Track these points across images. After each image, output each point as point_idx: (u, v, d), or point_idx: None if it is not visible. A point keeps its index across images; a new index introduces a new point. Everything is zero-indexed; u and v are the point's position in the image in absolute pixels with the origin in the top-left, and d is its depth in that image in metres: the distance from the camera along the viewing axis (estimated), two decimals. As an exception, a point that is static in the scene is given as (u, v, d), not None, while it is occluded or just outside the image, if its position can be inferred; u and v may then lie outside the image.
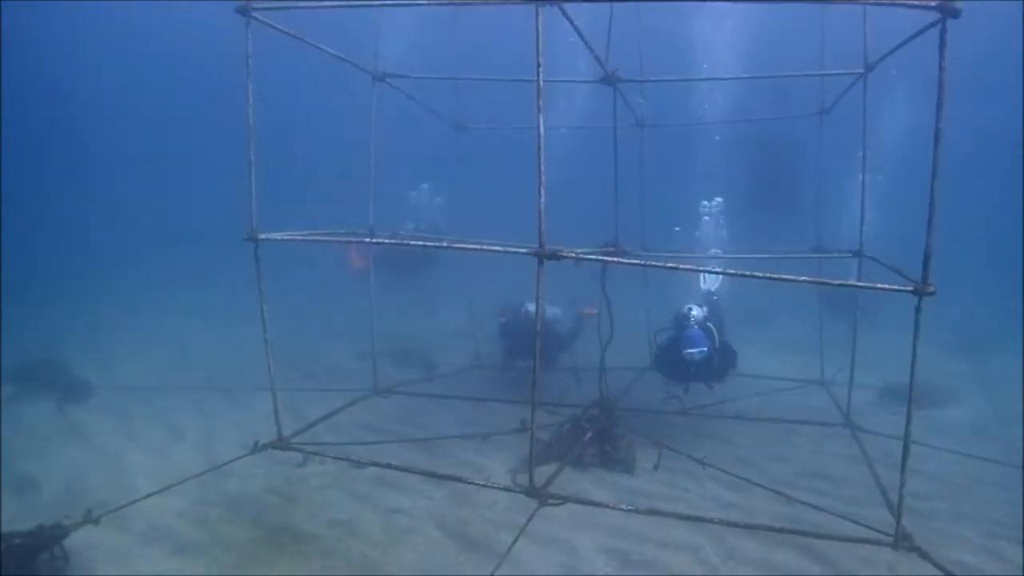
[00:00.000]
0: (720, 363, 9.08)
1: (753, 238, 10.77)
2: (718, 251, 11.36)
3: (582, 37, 7.51)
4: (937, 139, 4.95)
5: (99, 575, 5.78)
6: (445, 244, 7.80)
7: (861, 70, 8.57)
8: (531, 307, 10.83)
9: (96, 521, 6.05)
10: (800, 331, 14.44)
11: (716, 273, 8.84)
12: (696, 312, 9.24)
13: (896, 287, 5.24)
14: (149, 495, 6.65)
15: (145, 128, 39.50)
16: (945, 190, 5.05)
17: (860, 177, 9.18)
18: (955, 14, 4.95)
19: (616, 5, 7.98)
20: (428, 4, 6.71)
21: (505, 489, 6.82)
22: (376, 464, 7.17)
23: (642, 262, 6.54)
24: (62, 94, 37.60)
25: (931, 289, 5.01)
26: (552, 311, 11.30)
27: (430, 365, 13.22)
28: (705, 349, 8.79)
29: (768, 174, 17.13)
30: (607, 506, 6.47)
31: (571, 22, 6.78)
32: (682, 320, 9.24)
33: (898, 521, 5.48)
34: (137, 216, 34.42)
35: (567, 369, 11.32)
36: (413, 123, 13.90)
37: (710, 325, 9.21)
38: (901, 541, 5.43)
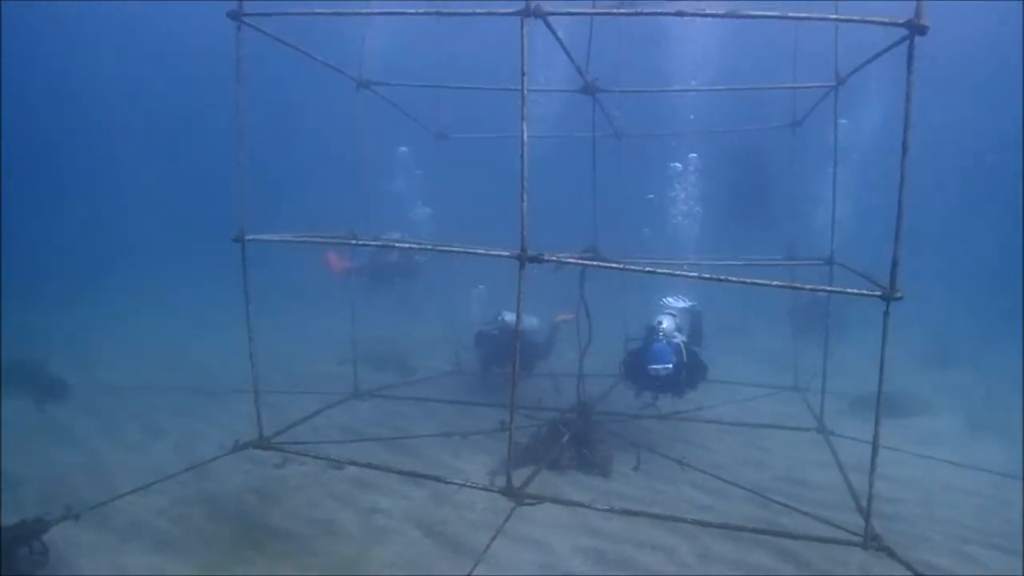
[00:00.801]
0: (688, 376, 8.95)
1: (726, 248, 10.90)
2: (690, 257, 11.46)
3: (564, 48, 7.63)
4: (905, 150, 5.10)
5: (79, 571, 5.80)
6: (430, 247, 7.87)
7: (833, 83, 8.75)
8: (508, 316, 10.96)
9: (76, 517, 6.10)
10: (775, 342, 14.66)
11: (691, 278, 8.78)
12: (667, 325, 9.18)
13: (865, 292, 5.38)
14: (130, 492, 6.71)
15: (141, 129, 39.41)
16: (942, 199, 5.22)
17: (831, 186, 9.35)
18: (923, 31, 5.12)
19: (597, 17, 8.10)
20: (416, 13, 6.80)
21: (483, 489, 6.91)
22: (355, 463, 7.24)
23: (621, 266, 6.63)
24: (62, 94, 37.52)
25: (898, 294, 5.16)
26: (530, 321, 11.37)
27: (409, 370, 13.27)
28: (670, 366, 8.56)
29: (742, 185, 17.30)
30: (584, 505, 6.57)
31: (554, 34, 6.91)
32: (652, 333, 9.12)
33: (867, 521, 5.62)
34: (126, 218, 34.31)
35: (545, 375, 11.41)
36: (398, 129, 13.96)
37: (678, 341, 9.02)
38: (870, 541, 5.56)
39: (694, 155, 12.63)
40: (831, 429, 9.74)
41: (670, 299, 9.51)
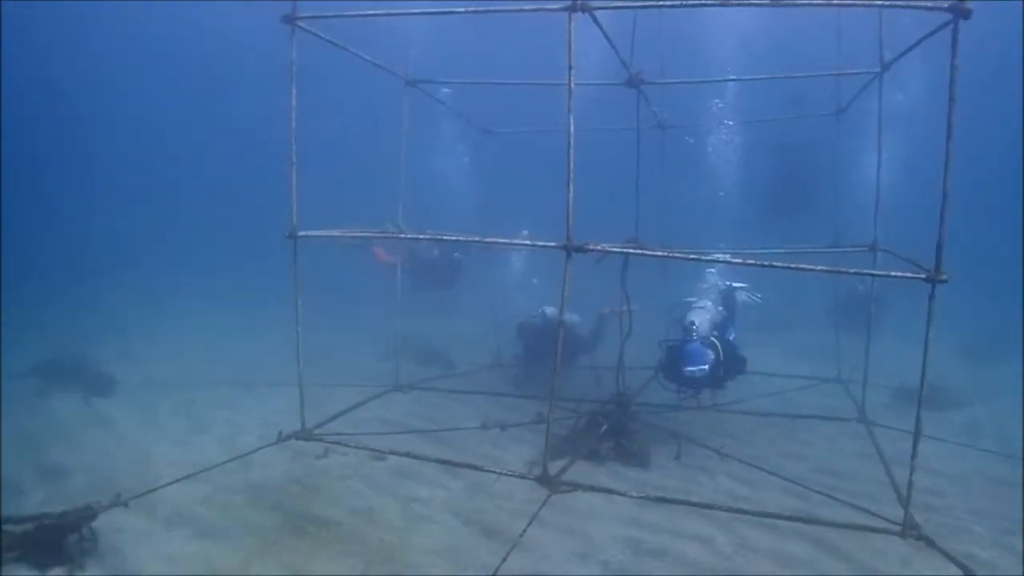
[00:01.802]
0: (726, 372, 8.95)
1: (770, 240, 10.84)
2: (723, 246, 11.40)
3: (610, 41, 7.70)
4: (949, 133, 5.06)
5: (126, 557, 5.94)
6: (476, 239, 7.94)
7: (877, 70, 8.68)
8: (548, 310, 11.02)
9: (124, 504, 6.25)
10: (818, 336, 14.54)
11: (732, 264, 8.70)
12: (700, 324, 9.12)
13: (910, 275, 5.35)
14: (176, 480, 6.86)
15: (177, 123, 39.98)
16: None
17: (876, 173, 9.26)
18: (966, 15, 5.07)
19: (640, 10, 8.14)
20: (464, 12, 6.90)
21: (518, 476, 6.96)
22: (395, 452, 7.33)
23: (665, 253, 6.64)
24: (86, 84, 38.14)
25: (944, 277, 5.12)
26: (570, 317, 11.42)
27: (451, 365, 13.38)
28: (706, 367, 8.56)
29: (786, 177, 17.17)
30: (618, 492, 6.60)
31: (601, 28, 6.98)
32: (686, 331, 9.07)
33: (906, 509, 5.58)
34: (173, 218, 34.86)
35: (587, 368, 11.43)
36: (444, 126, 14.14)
37: (714, 339, 9.00)
38: (909, 530, 5.51)
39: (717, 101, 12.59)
40: (872, 420, 9.64)
41: (696, 321, 9.23)
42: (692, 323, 9.05)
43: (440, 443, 8.82)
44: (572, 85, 5.92)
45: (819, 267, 5.70)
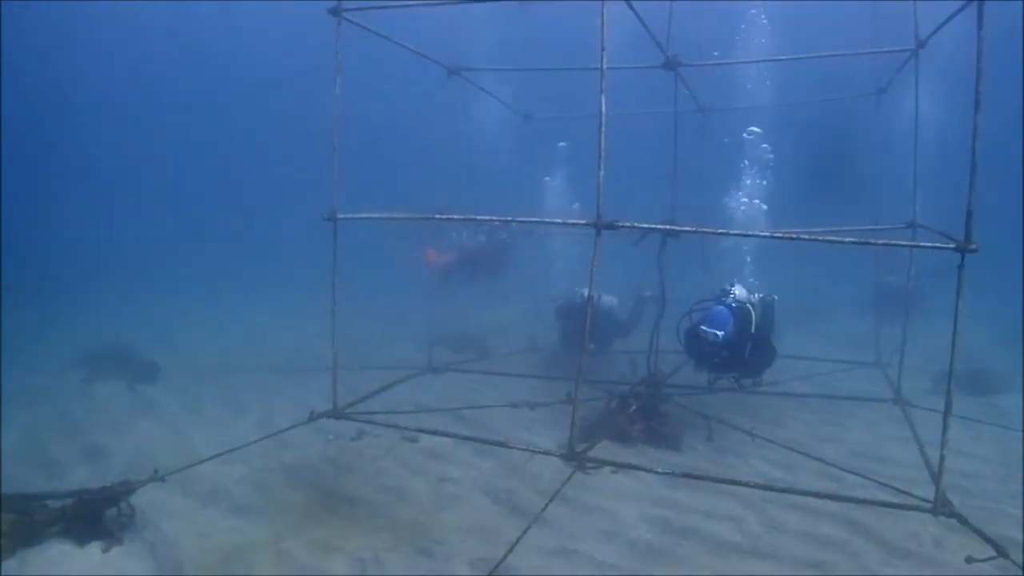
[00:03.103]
0: (752, 356, 8.25)
1: (810, 222, 10.74)
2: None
3: (644, 25, 7.76)
4: (978, 103, 5.00)
5: (163, 531, 6.09)
6: (510, 219, 8.00)
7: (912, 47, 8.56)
8: (585, 291, 11.03)
9: (162, 479, 6.40)
10: (857, 326, 14.39)
11: (764, 237, 8.21)
12: (739, 291, 8.58)
13: (939, 245, 5.30)
14: (212, 457, 7.00)
15: (215, 117, 40.54)
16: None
17: (914, 151, 9.13)
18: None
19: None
20: (500, 1, 6.98)
21: (544, 453, 6.99)
22: (423, 431, 7.41)
23: (694, 229, 6.62)
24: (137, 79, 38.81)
25: (973, 246, 5.05)
26: (609, 300, 11.44)
27: (486, 351, 13.42)
28: (721, 333, 7.87)
29: (825, 158, 16.97)
30: (643, 468, 6.57)
31: (636, 13, 7.04)
32: (721, 295, 8.52)
33: (938, 486, 5.49)
34: (205, 209, 35.36)
35: (622, 352, 11.40)
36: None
37: (750, 307, 8.29)
38: (940, 507, 5.44)
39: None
40: (910, 402, 9.50)
41: (736, 288, 8.74)
42: (732, 284, 8.68)
43: (472, 424, 8.90)
44: (604, 67, 5.98)
45: (847, 239, 5.65)
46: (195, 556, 5.70)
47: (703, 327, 7.97)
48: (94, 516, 5.95)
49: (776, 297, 9.77)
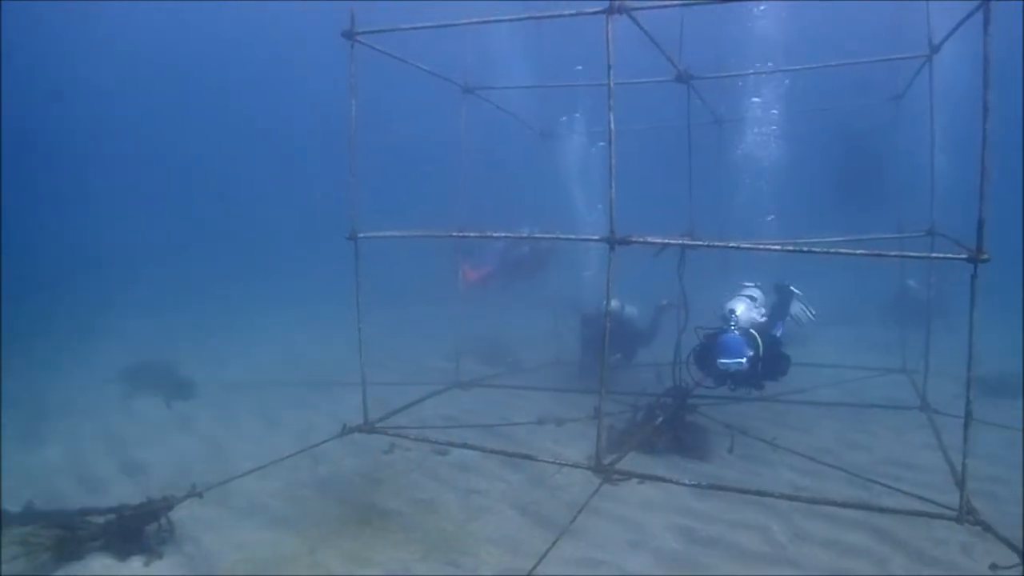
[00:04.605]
0: (765, 370, 8.43)
1: (834, 230, 10.76)
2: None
3: (652, 39, 7.83)
4: (986, 111, 5.07)
5: (201, 545, 6.28)
6: (526, 234, 8.11)
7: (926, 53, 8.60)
8: (612, 304, 11.12)
9: (200, 495, 6.62)
10: (882, 332, 14.38)
11: (778, 251, 8.24)
12: (741, 312, 8.73)
13: (951, 255, 5.36)
14: (248, 472, 7.23)
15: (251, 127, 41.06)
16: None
17: (931, 157, 9.14)
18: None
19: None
20: (510, 20, 7.12)
21: (572, 465, 7.10)
22: (451, 444, 7.57)
23: (706, 243, 6.73)
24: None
25: (985, 256, 5.11)
26: (630, 310, 11.56)
27: (515, 363, 13.53)
28: (743, 361, 8.06)
29: (848, 166, 16.92)
30: (670, 480, 6.68)
31: (641, 28, 7.14)
32: (724, 320, 8.63)
33: (962, 494, 5.54)
34: (241, 224, 35.88)
35: (647, 365, 11.49)
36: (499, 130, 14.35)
37: (753, 332, 8.45)
38: (965, 515, 5.48)
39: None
40: (938, 409, 9.48)
41: (738, 308, 8.86)
42: (732, 311, 8.72)
43: (500, 437, 9.02)
44: (612, 84, 6.10)
45: (860, 251, 5.72)
46: (233, 568, 5.88)
47: (722, 360, 8.10)
48: (135, 531, 6.14)
49: (795, 289, 9.81)
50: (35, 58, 35.41)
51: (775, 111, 12.29)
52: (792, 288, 9.81)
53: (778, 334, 9.14)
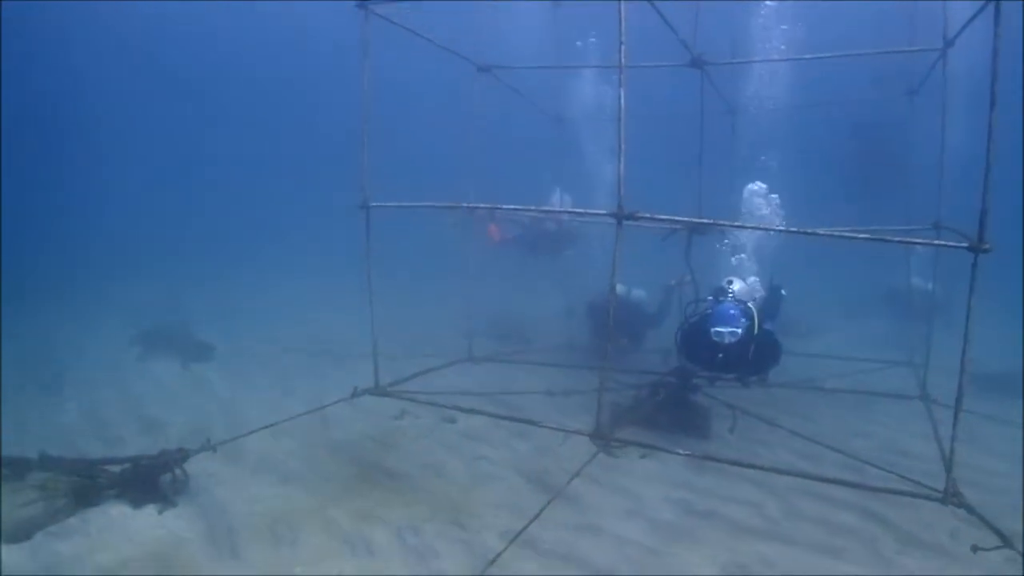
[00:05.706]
0: (756, 354, 8.03)
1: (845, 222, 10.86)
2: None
3: (667, 23, 7.94)
4: (993, 102, 5.18)
5: (214, 497, 6.55)
6: (533, 208, 8.24)
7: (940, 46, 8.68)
8: (619, 287, 11.22)
9: (213, 449, 6.86)
10: (890, 325, 14.49)
11: (782, 232, 8.14)
12: (739, 286, 8.53)
13: (951, 244, 5.47)
14: (261, 428, 7.49)
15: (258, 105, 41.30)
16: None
17: (940, 151, 9.23)
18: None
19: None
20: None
21: (572, 432, 7.29)
22: (458, 408, 7.78)
23: (712, 221, 6.87)
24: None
25: (986, 246, 5.21)
26: (638, 293, 11.66)
27: (527, 341, 13.70)
28: (739, 331, 7.69)
29: (861, 159, 16.95)
30: (667, 450, 6.88)
31: (658, 11, 7.27)
32: (720, 294, 8.33)
33: (948, 476, 5.70)
34: (263, 198, 36.14)
35: (655, 350, 11.60)
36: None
37: (751, 306, 8.09)
38: (950, 496, 5.64)
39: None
40: (937, 400, 9.60)
41: (735, 284, 8.66)
42: (729, 282, 8.54)
43: (507, 407, 9.21)
44: (623, 60, 6.19)
45: (861, 235, 5.86)
46: (244, 520, 6.13)
47: (716, 328, 7.73)
48: (150, 481, 6.40)
49: (784, 291, 9.91)
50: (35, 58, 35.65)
51: (786, 102, 12.35)
52: (783, 291, 9.87)
53: (769, 328, 9.18)
